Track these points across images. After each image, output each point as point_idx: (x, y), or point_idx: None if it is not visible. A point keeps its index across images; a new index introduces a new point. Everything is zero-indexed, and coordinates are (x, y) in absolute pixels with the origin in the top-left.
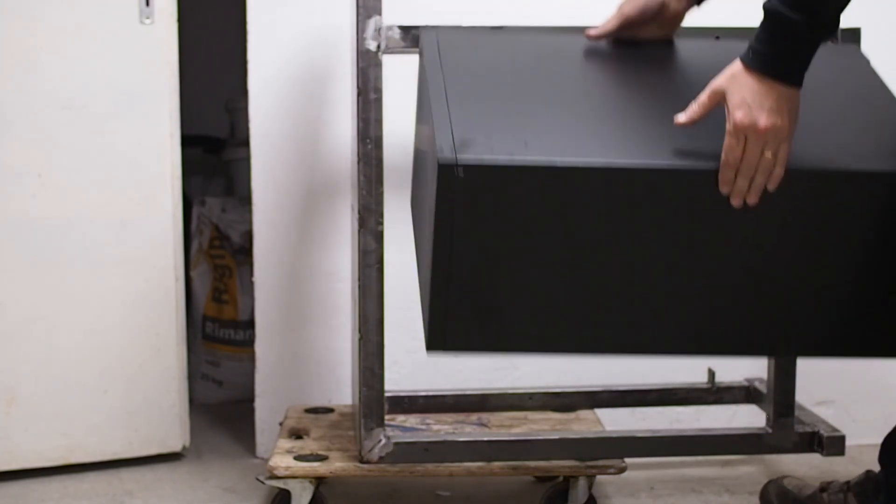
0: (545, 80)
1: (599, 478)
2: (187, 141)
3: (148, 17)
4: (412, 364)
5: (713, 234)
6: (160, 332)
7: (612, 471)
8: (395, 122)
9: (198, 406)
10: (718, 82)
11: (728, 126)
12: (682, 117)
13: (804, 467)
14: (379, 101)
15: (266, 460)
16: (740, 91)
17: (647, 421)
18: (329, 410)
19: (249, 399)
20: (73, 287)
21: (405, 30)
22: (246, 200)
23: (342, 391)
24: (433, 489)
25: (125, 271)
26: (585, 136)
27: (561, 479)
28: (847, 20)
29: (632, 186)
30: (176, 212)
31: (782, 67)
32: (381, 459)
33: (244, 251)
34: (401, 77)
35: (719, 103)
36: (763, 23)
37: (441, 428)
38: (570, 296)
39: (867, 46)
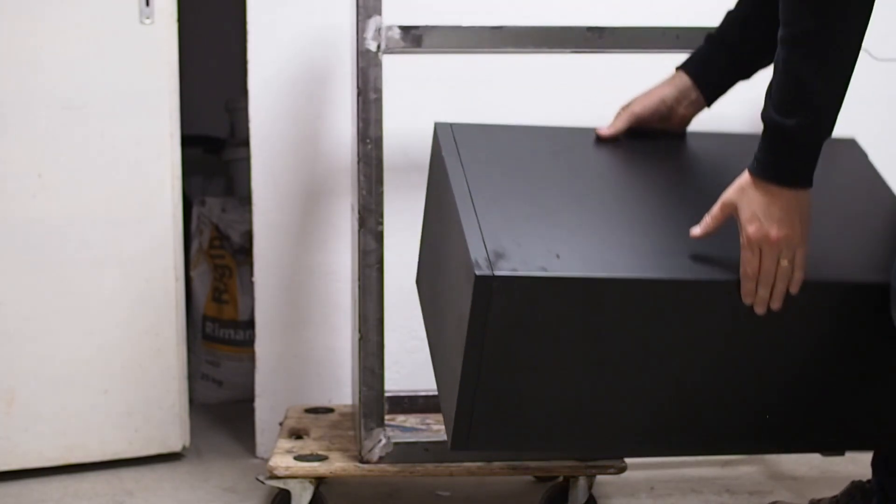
0: (564, 179)
1: (599, 478)
2: (187, 141)
3: (148, 17)
4: (412, 364)
5: (737, 341)
6: (160, 332)
7: (612, 471)
8: (395, 122)
9: (198, 406)
10: (728, 195)
11: (742, 240)
12: (696, 230)
13: (804, 468)
14: (379, 101)
15: (266, 460)
16: (750, 204)
17: None
18: (329, 410)
19: (249, 399)
20: (73, 287)
21: (405, 30)
22: (246, 200)
23: (342, 391)
24: (433, 489)
25: (125, 271)
26: (612, 246)
27: (561, 478)
28: None
29: (658, 298)
30: (176, 212)
31: (787, 174)
32: (381, 459)
33: (244, 251)
34: (401, 77)
35: (731, 216)
36: (763, 133)
37: (441, 428)
38: (596, 401)
39: (867, 46)
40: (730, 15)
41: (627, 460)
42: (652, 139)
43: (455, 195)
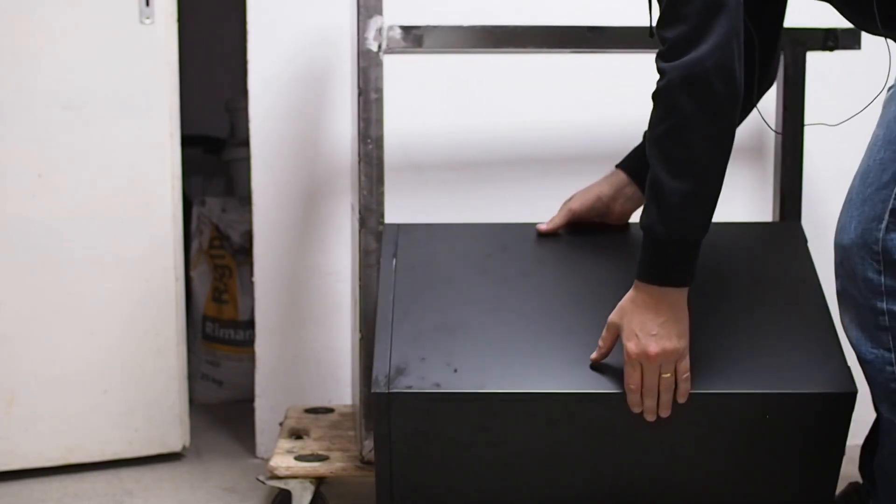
0: (487, 285)
1: None
2: (187, 141)
3: (148, 17)
4: None
5: (635, 448)
6: (160, 332)
7: None
8: (395, 122)
9: (198, 406)
10: (611, 317)
11: (624, 357)
12: (594, 356)
13: None
14: (380, 101)
15: (266, 460)
16: (630, 323)
17: None
18: (329, 410)
19: (249, 399)
20: (73, 287)
21: (406, 30)
22: (246, 200)
23: (342, 391)
24: None
25: (125, 271)
26: (512, 359)
27: None
28: (843, 20)
29: (551, 409)
30: (176, 212)
31: (659, 274)
32: None
33: (244, 251)
34: (400, 77)
35: (618, 335)
36: (643, 239)
37: None
38: (500, 494)
39: (868, 47)
40: None
41: None
42: (592, 234)
43: (379, 307)
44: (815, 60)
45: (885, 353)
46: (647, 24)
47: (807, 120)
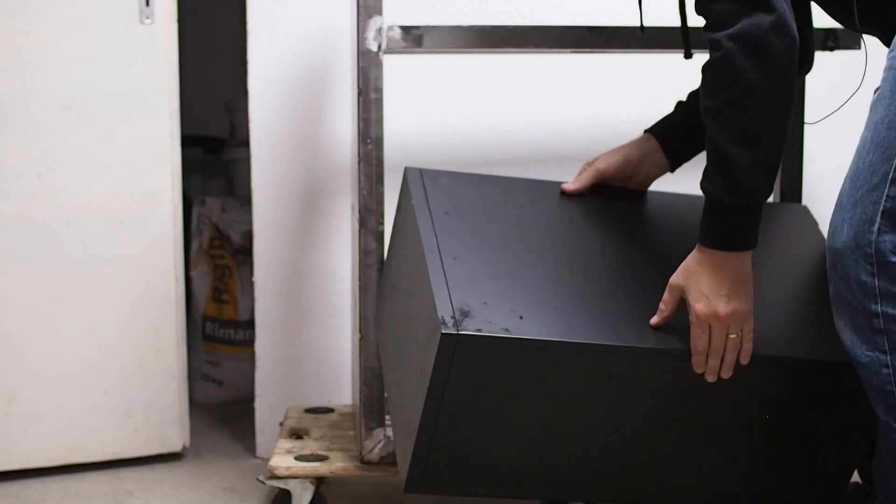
0: (529, 235)
1: None
2: (187, 141)
3: (148, 17)
4: None
5: (689, 406)
6: (160, 332)
7: None
8: (394, 122)
9: (198, 406)
10: (675, 279)
11: (691, 317)
12: (654, 320)
13: None
14: (380, 101)
15: (266, 460)
16: (696, 284)
17: None
18: (329, 410)
19: (249, 399)
20: (72, 287)
21: (406, 30)
22: (246, 200)
23: (342, 391)
24: None
25: (125, 271)
26: (573, 310)
27: None
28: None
29: (615, 364)
30: (176, 212)
31: (725, 239)
32: (381, 459)
33: (244, 251)
34: (400, 77)
35: (681, 298)
36: (705, 203)
37: None
38: (549, 456)
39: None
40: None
41: None
42: (614, 197)
43: (424, 247)
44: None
45: (881, 356)
46: (651, 25)
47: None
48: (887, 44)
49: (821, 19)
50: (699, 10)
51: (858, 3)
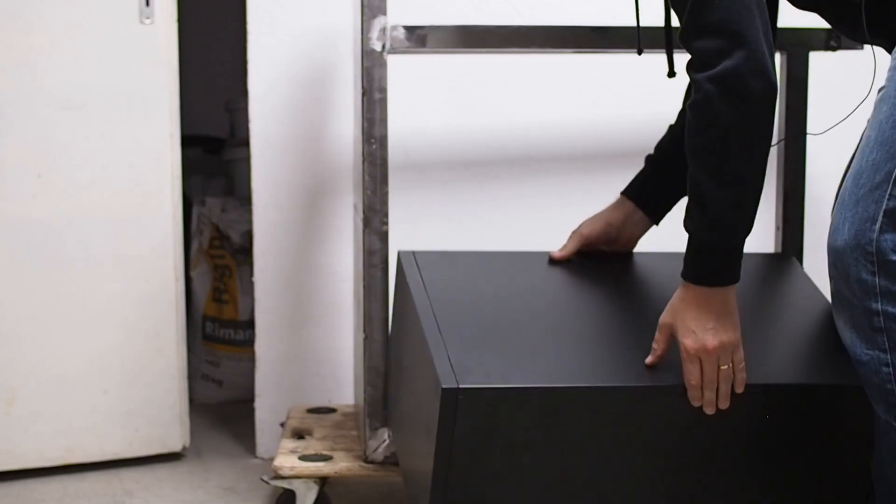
0: (520, 300)
1: None
2: (187, 141)
3: (148, 17)
4: None
5: (692, 444)
6: (160, 332)
7: None
8: (396, 121)
9: (198, 406)
10: (663, 318)
11: (682, 353)
12: (649, 359)
13: None
14: (384, 101)
15: (266, 460)
16: (683, 321)
17: None
18: (331, 410)
19: (249, 399)
20: (72, 287)
21: (410, 30)
22: (246, 200)
23: (342, 391)
24: None
25: (125, 271)
26: (569, 359)
27: None
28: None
29: (616, 405)
30: (176, 212)
31: (708, 275)
32: (385, 459)
33: (244, 251)
34: (401, 76)
35: (672, 335)
36: (688, 241)
37: None
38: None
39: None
40: (666, 134)
41: None
42: (601, 260)
43: (421, 318)
44: (818, 61)
45: (881, 355)
46: (651, 25)
47: (809, 120)
48: (890, 50)
49: (822, 20)
50: (683, 45)
51: (867, 14)
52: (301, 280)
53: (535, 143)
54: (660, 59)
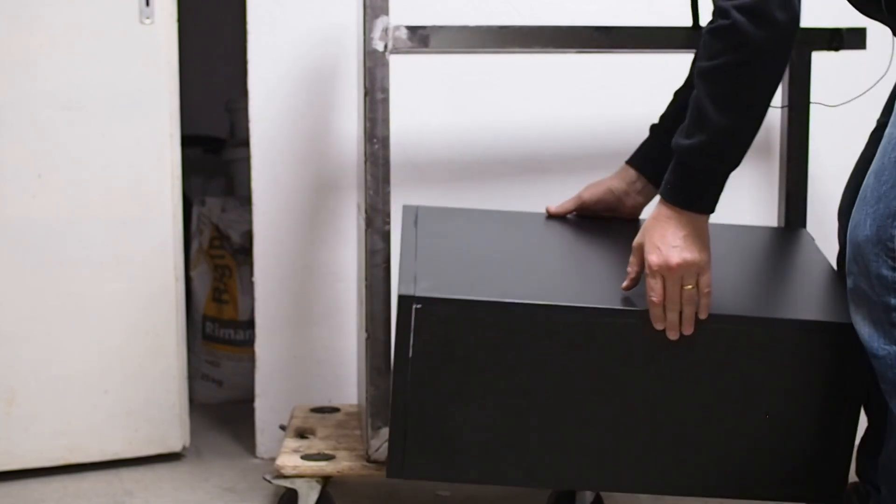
0: (505, 243)
1: None
2: (187, 141)
3: (148, 17)
4: None
5: (655, 374)
6: (160, 332)
7: None
8: (396, 121)
9: (198, 406)
10: (637, 240)
11: (646, 269)
12: (625, 284)
13: None
14: (386, 101)
15: (266, 460)
16: (651, 237)
17: None
18: (335, 410)
19: (249, 399)
20: (72, 287)
21: (412, 30)
22: (246, 200)
23: (342, 391)
24: (433, 489)
25: (125, 271)
26: (533, 282)
27: None
28: (850, 20)
29: (573, 326)
30: (176, 212)
31: (686, 196)
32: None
33: (244, 251)
34: (402, 76)
35: (643, 257)
36: (674, 159)
37: None
38: (519, 430)
39: (872, 47)
40: (671, 103)
41: None
42: (600, 221)
43: (402, 251)
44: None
45: None
46: (652, 25)
47: (811, 120)
48: None
49: (824, 20)
50: None
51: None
52: (301, 280)
53: (536, 142)
54: (661, 59)
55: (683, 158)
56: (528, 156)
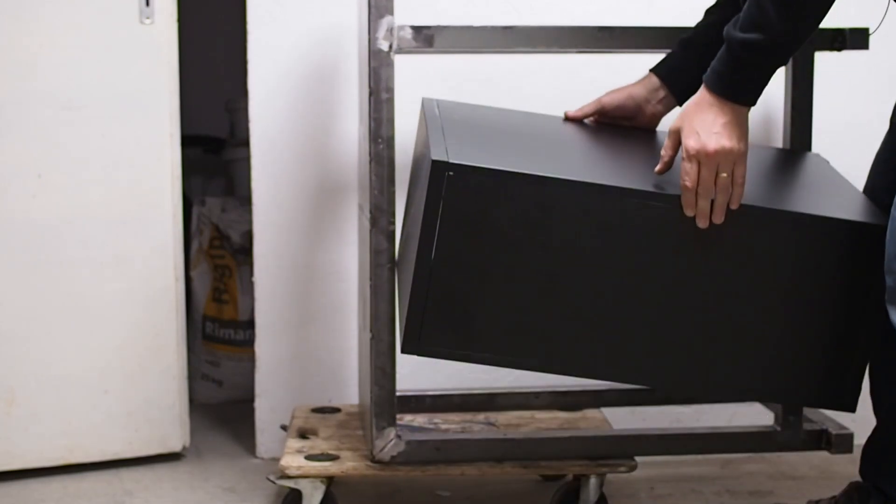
0: (530, 130)
1: None
2: (187, 141)
3: (148, 17)
4: (412, 363)
5: (684, 265)
6: (160, 332)
7: (622, 469)
8: (400, 121)
9: (198, 406)
10: (675, 124)
11: (682, 153)
12: (658, 167)
13: (804, 468)
14: (391, 101)
15: (266, 460)
16: (690, 123)
17: (647, 421)
18: (336, 410)
19: (249, 399)
20: (72, 287)
21: (417, 30)
22: (246, 200)
23: (342, 391)
24: (434, 489)
25: (125, 271)
26: (567, 162)
27: (570, 477)
28: (851, 20)
29: (607, 205)
30: (176, 212)
31: (732, 86)
32: (392, 459)
33: (244, 251)
34: (404, 77)
35: (679, 141)
36: (724, 49)
37: (449, 427)
38: (542, 312)
39: (875, 47)
40: (703, 20)
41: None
42: (620, 127)
43: (429, 132)
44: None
45: None
46: (654, 25)
47: (815, 120)
48: None
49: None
50: None
51: None
52: (301, 280)
53: None
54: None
55: (736, 50)
56: None
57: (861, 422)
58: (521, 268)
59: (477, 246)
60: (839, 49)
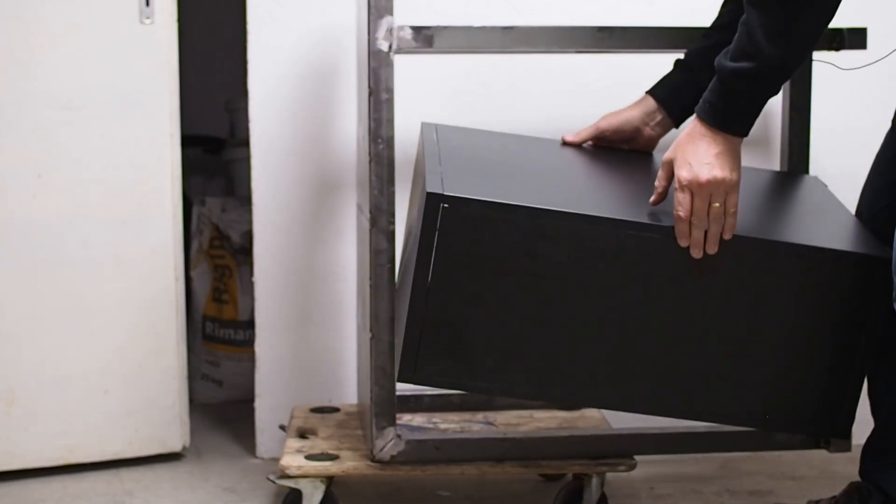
0: (527, 157)
1: None
2: (187, 141)
3: (148, 17)
4: None
5: (678, 293)
6: (160, 332)
7: (622, 468)
8: (400, 121)
9: (198, 406)
10: (667, 155)
11: (675, 184)
12: (652, 198)
13: (804, 468)
14: (391, 101)
15: (266, 460)
16: (683, 154)
17: (646, 420)
18: (335, 410)
19: (249, 399)
20: (72, 287)
21: (416, 30)
22: (246, 200)
23: (342, 391)
24: (434, 488)
25: (125, 271)
26: (562, 191)
27: (571, 477)
28: (851, 20)
29: (600, 237)
30: (176, 212)
31: (723, 117)
32: (392, 458)
33: (244, 251)
34: (400, 76)
35: (672, 172)
36: (716, 80)
37: (448, 427)
38: (537, 341)
39: (873, 46)
40: (700, 43)
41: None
42: (617, 151)
43: (427, 162)
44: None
45: None
46: (654, 26)
47: (813, 121)
48: None
49: None
50: None
51: None
52: (301, 280)
53: None
54: (662, 59)
55: (727, 80)
56: None
57: (860, 422)
58: (516, 297)
59: (472, 276)
60: (837, 49)
